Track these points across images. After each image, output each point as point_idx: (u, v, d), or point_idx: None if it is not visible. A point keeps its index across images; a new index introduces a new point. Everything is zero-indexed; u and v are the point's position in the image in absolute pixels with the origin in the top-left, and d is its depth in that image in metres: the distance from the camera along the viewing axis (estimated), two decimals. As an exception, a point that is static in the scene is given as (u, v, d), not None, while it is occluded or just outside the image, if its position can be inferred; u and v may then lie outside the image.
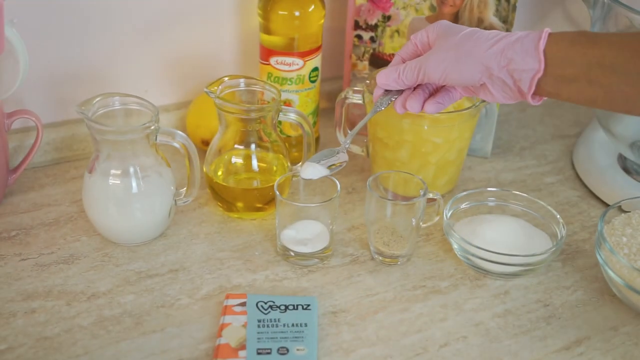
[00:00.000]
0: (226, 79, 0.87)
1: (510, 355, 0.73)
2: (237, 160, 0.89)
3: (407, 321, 0.76)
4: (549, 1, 1.26)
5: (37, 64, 0.91)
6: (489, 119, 1.01)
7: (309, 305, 0.75)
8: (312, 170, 0.80)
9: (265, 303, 0.75)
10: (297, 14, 0.91)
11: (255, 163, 0.89)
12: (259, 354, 0.69)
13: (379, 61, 1.02)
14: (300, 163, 0.92)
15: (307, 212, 0.83)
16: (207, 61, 1.04)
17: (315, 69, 0.95)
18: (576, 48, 0.68)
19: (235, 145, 0.88)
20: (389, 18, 0.99)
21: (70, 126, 0.98)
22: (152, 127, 0.79)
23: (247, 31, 1.03)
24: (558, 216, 0.84)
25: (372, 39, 1.01)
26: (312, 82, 0.96)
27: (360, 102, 0.91)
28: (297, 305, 0.75)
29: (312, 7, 0.92)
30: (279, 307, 0.75)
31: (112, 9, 0.94)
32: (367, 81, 0.91)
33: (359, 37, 1.01)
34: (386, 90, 0.81)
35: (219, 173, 0.89)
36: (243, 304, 0.75)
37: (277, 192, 0.81)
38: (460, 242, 0.81)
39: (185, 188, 0.86)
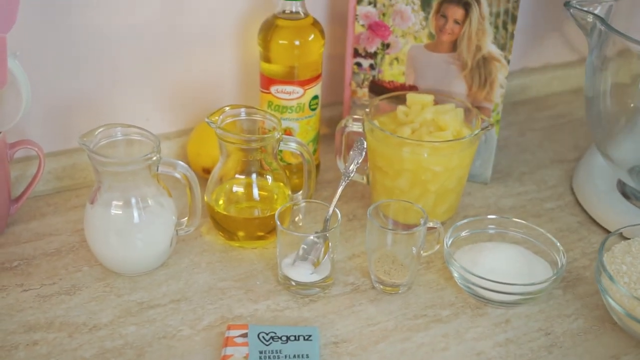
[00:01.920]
0: (227, 108, 0.88)
1: (512, 385, 0.73)
2: (238, 189, 0.89)
3: (408, 351, 0.76)
4: (547, 26, 1.27)
5: (39, 94, 0.91)
6: (488, 145, 1.01)
7: (310, 335, 0.75)
8: (304, 272, 0.82)
9: (267, 334, 0.75)
10: (296, 43, 0.92)
11: (256, 192, 0.89)
12: (260, 386, 0.69)
13: (378, 88, 1.02)
14: (301, 191, 0.92)
15: (308, 241, 0.83)
16: (208, 89, 1.04)
17: (315, 97, 0.96)
18: None
19: (236, 175, 0.88)
20: (388, 46, 1.00)
21: (72, 155, 0.99)
22: (154, 158, 0.80)
23: (248, 60, 1.04)
24: (558, 244, 0.85)
25: (372, 67, 1.02)
26: (313, 110, 0.96)
27: (360, 130, 0.92)
28: (299, 336, 0.75)
29: (312, 36, 0.92)
30: (280, 338, 0.75)
31: (113, 39, 0.95)
32: (367, 109, 0.92)
33: (359, 64, 1.02)
34: (352, 151, 0.87)
35: (220, 202, 0.89)
36: (244, 335, 0.75)
37: (278, 222, 0.81)
38: (460, 271, 0.81)
39: (186, 218, 0.86)
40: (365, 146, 0.89)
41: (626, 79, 0.92)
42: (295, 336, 0.75)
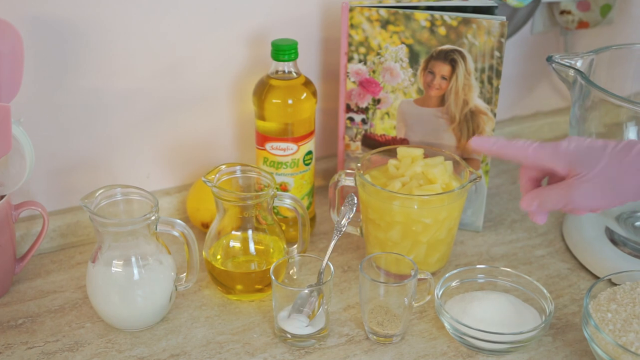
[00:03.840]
0: (223, 166, 0.91)
1: None
2: (235, 244, 0.92)
3: (401, 401, 0.78)
4: (536, 75, 1.30)
5: (43, 155, 0.95)
6: (479, 195, 1.04)
7: (305, 388, 0.77)
8: (299, 325, 0.84)
9: (263, 387, 0.77)
10: (289, 102, 0.95)
11: (252, 246, 0.92)
12: None
13: (371, 142, 1.06)
14: (296, 245, 0.95)
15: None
16: (206, 147, 1.08)
17: (309, 152, 0.99)
18: None
19: (233, 231, 0.91)
20: (378, 101, 1.03)
21: (76, 213, 1.02)
22: (152, 218, 0.83)
23: (243, 118, 1.08)
24: (545, 291, 0.87)
25: (364, 121, 1.05)
26: (307, 165, 1.00)
27: (353, 184, 0.95)
28: (294, 389, 0.77)
29: (304, 95, 0.96)
30: (276, 391, 0.77)
31: (113, 101, 0.99)
32: (359, 164, 0.95)
33: (351, 119, 1.06)
34: (343, 207, 0.92)
35: (218, 257, 0.92)
36: (241, 389, 0.77)
37: (273, 277, 0.84)
38: (451, 321, 0.83)
39: (185, 273, 0.89)
40: (355, 202, 0.92)
41: (608, 130, 0.95)
42: (290, 389, 0.77)
